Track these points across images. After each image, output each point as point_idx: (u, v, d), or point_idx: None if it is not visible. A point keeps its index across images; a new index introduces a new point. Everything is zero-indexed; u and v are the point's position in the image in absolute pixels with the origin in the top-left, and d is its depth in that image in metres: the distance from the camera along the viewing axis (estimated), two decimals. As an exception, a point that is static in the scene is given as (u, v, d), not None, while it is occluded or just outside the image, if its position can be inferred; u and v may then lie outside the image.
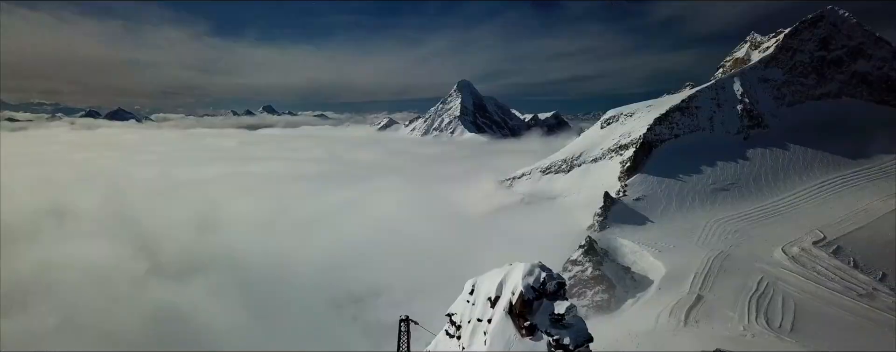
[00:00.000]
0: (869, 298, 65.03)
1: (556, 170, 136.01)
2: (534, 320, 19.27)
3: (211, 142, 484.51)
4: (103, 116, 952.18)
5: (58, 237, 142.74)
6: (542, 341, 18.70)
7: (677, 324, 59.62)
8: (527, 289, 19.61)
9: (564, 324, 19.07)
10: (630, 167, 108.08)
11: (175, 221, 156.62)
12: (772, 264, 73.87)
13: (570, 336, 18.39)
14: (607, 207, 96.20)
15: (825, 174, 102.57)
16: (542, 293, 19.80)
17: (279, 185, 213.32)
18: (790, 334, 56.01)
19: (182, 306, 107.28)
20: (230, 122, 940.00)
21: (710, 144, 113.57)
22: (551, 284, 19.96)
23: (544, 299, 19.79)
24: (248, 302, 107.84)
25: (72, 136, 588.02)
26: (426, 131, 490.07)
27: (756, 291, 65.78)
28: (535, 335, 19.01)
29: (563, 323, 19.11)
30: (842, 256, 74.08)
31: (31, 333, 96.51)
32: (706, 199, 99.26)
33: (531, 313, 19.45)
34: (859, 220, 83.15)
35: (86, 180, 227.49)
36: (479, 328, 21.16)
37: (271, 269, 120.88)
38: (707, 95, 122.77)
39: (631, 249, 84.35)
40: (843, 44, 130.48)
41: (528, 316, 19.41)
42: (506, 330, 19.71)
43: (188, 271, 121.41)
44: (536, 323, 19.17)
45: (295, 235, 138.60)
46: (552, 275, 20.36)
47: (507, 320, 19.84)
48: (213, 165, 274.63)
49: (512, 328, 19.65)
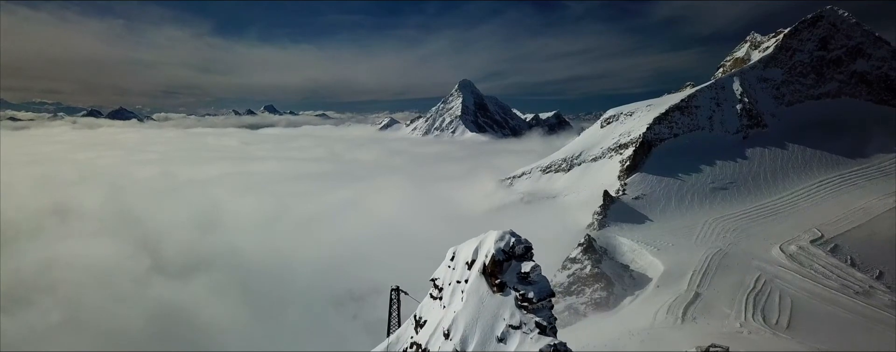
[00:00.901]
0: (865, 295, 65.39)
1: (556, 169, 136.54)
2: (504, 278, 22.24)
3: (212, 141, 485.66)
4: (105, 116, 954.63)
5: (60, 236, 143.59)
6: (510, 296, 21.74)
7: (675, 321, 60.08)
8: (498, 252, 22.47)
9: (529, 281, 22.01)
10: (629, 166, 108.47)
11: (176, 220, 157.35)
12: (769, 262, 74.22)
13: (534, 291, 21.44)
14: (607, 206, 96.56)
15: (824, 173, 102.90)
16: (511, 255, 22.61)
17: (280, 184, 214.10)
18: (786, 331, 56.42)
19: (184, 303, 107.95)
20: (231, 121, 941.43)
21: (709, 143, 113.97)
22: (519, 247, 22.72)
23: (513, 261, 22.64)
24: (249, 300, 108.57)
25: (73, 135, 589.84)
26: (427, 131, 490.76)
27: (753, 288, 66.15)
28: (505, 291, 22.06)
29: (529, 280, 22.04)
30: (839, 254, 74.42)
31: (34, 330, 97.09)
32: (705, 198, 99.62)
33: (502, 273, 22.39)
34: (857, 218, 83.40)
35: (87, 179, 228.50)
36: (458, 289, 23.93)
37: (272, 267, 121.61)
38: (706, 95, 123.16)
39: (630, 248, 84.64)
40: (843, 43, 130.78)
41: (498, 275, 22.38)
42: (480, 288, 22.70)
43: (189, 269, 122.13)
44: (506, 281, 22.16)
45: (295, 234, 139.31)
46: (520, 240, 22.96)
47: (480, 280, 22.82)
48: (214, 165, 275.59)
49: (485, 286, 22.63)
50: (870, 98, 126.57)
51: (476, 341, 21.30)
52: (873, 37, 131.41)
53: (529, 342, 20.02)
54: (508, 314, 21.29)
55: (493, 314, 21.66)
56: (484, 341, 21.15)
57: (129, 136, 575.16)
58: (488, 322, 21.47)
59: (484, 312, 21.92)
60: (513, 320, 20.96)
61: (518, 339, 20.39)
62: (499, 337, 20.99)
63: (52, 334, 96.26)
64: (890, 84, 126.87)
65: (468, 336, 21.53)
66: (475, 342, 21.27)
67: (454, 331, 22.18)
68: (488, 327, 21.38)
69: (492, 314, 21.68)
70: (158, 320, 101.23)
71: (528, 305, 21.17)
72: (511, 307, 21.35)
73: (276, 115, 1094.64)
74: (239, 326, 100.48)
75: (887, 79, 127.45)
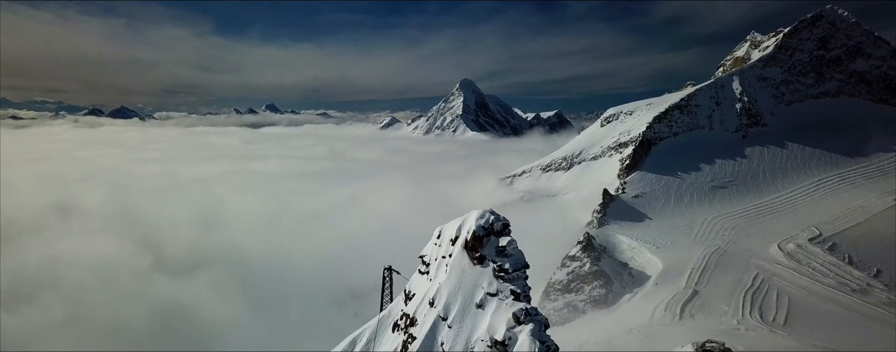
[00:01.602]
0: (862, 293, 65.72)
1: (557, 167, 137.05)
2: (483, 252, 24.47)
3: (213, 140, 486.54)
4: (106, 115, 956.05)
5: (62, 233, 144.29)
6: (488, 267, 23.96)
7: (673, 318, 60.56)
8: (478, 228, 24.65)
9: (506, 254, 24.03)
10: (629, 165, 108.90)
11: (178, 218, 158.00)
12: (767, 259, 74.57)
13: (510, 263, 23.57)
14: (606, 204, 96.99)
15: (823, 172, 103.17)
16: (490, 231, 24.77)
17: (281, 182, 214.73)
18: (783, 328, 56.86)
19: (185, 301, 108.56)
20: (233, 120, 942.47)
21: (708, 142, 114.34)
22: (498, 224, 24.89)
23: (492, 236, 24.79)
24: (249, 298, 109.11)
25: (75, 133, 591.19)
26: (428, 130, 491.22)
27: (751, 286, 66.58)
28: (484, 263, 24.29)
29: (506, 253, 24.05)
30: (837, 252, 74.71)
31: (37, 326, 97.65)
32: (704, 196, 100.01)
33: (481, 247, 24.62)
34: (855, 217, 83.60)
35: (89, 177, 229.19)
36: (443, 263, 26.27)
37: (273, 265, 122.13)
38: (706, 94, 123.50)
39: (629, 246, 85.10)
40: (842, 43, 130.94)
41: (479, 249, 24.61)
42: (462, 261, 25.03)
43: (191, 267, 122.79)
44: (485, 254, 24.40)
45: (296, 233, 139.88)
46: (498, 218, 25.11)
47: (463, 253, 25.10)
48: (215, 163, 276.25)
49: (467, 259, 24.92)
50: (869, 97, 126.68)
51: (457, 307, 23.74)
52: (873, 36, 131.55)
53: (504, 308, 22.08)
54: (487, 283, 23.57)
55: (473, 284, 24.00)
56: (464, 308, 23.56)
57: (130, 134, 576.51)
58: (469, 291, 23.87)
59: (465, 282, 24.34)
60: (490, 288, 23.25)
61: (494, 305, 22.64)
62: (478, 304, 23.30)
63: (54, 331, 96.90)
64: (889, 83, 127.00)
65: (451, 303, 24.02)
66: (457, 309, 23.70)
67: (438, 299, 24.63)
68: (469, 295, 23.77)
69: (472, 284, 24.03)
70: (160, 317, 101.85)
71: (505, 275, 23.38)
72: (489, 277, 23.64)
73: (278, 114, 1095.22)
74: (240, 323, 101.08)
75: (887, 78, 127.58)
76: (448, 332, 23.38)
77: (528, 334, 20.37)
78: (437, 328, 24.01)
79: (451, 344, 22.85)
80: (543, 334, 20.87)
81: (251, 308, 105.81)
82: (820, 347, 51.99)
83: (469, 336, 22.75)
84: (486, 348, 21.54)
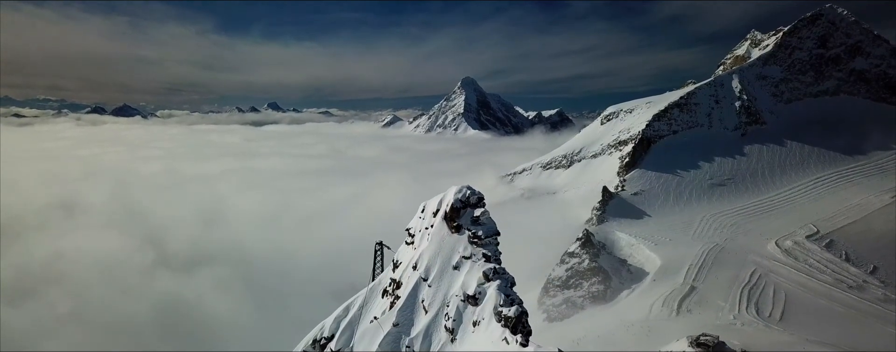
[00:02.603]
0: (859, 290, 66.20)
1: (557, 165, 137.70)
2: (460, 222, 27.70)
3: (215, 138, 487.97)
4: (109, 113, 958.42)
5: (67, 229, 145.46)
6: (464, 235, 27.15)
7: (670, 313, 61.22)
8: (456, 201, 27.87)
9: (480, 223, 27.49)
10: (629, 163, 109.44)
11: (180, 216, 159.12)
12: (765, 256, 75.01)
13: (483, 230, 26.85)
14: (606, 202, 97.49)
15: (821, 170, 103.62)
16: (466, 204, 28.04)
17: (283, 180, 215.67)
18: (779, 324, 57.41)
19: (188, 297, 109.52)
20: (235, 119, 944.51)
21: (707, 140, 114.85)
22: (473, 197, 28.09)
23: (468, 208, 28.08)
24: (252, 294, 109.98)
25: (78, 131, 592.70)
26: (430, 128, 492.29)
27: (748, 282, 67.07)
28: (461, 232, 27.48)
29: (480, 222, 27.51)
30: (834, 249, 75.18)
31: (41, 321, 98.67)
32: (703, 194, 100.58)
33: (459, 217, 27.84)
34: (853, 214, 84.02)
35: (93, 175, 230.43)
36: (426, 233, 29.46)
37: (275, 261, 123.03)
38: (706, 92, 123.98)
39: (628, 243, 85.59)
40: (842, 42, 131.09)
41: (456, 219, 27.83)
42: (442, 230, 28.25)
43: (194, 263, 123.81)
44: (462, 223, 27.64)
45: (298, 229, 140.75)
46: (474, 192, 28.27)
47: (442, 224, 28.30)
48: (217, 161, 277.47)
49: (446, 228, 28.12)
50: (868, 96, 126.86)
51: (437, 269, 27.11)
52: (872, 35, 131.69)
53: (477, 268, 25.22)
54: (462, 248, 26.81)
55: (450, 249, 27.30)
56: (443, 270, 26.94)
57: (133, 132, 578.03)
58: (447, 255, 27.20)
59: (444, 248, 27.63)
60: (465, 252, 26.51)
61: (468, 266, 25.90)
62: (454, 266, 26.59)
63: (59, 326, 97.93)
64: (888, 82, 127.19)
65: (431, 266, 27.37)
66: (436, 271, 27.09)
67: (420, 264, 27.94)
68: (447, 259, 27.10)
69: (450, 249, 27.33)
70: (163, 312, 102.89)
71: (478, 241, 26.63)
72: (465, 243, 26.85)
73: (280, 112, 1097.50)
74: (242, 318, 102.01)
75: (886, 77, 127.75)
76: (428, 290, 26.82)
77: (496, 288, 23.68)
78: (418, 288, 27.43)
79: (431, 300, 26.47)
80: (508, 288, 23.97)
81: (254, 304, 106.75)
82: (815, 342, 52.63)
83: (446, 293, 26.16)
84: (459, 302, 24.92)
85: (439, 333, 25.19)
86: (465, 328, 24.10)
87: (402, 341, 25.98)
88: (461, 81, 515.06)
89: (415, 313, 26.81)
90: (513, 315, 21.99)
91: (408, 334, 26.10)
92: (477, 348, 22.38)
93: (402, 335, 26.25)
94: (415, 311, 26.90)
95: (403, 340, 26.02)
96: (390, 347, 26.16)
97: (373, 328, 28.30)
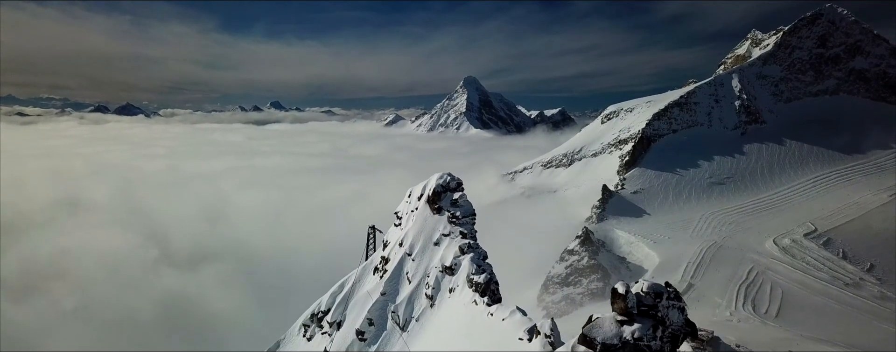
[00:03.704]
0: (855, 287, 66.85)
1: (557, 164, 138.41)
2: (441, 204, 31.80)
3: (218, 137, 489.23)
4: (112, 111, 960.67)
5: (71, 226, 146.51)
6: (444, 216, 31.10)
7: (667, 310, 61.99)
8: (438, 186, 32.01)
9: (458, 205, 31.29)
10: (628, 161, 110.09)
11: (183, 213, 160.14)
12: (763, 254, 75.70)
13: (461, 211, 30.73)
14: (605, 200, 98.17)
15: (820, 169, 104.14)
16: (447, 188, 32.13)
17: (285, 178, 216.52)
18: (774, 320, 58.14)
19: (191, 293, 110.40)
20: (237, 117, 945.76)
21: (707, 139, 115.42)
22: (453, 183, 32.18)
23: (448, 192, 32.02)
24: (254, 290, 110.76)
25: (81, 130, 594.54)
26: (432, 127, 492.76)
27: (745, 279, 67.75)
28: (441, 213, 31.40)
29: (458, 204, 31.32)
30: (831, 247, 75.77)
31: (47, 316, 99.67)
32: (702, 192, 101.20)
33: (440, 200, 31.96)
34: (850, 213, 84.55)
35: (97, 173, 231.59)
36: (412, 215, 33.67)
37: (278, 258, 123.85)
38: (705, 92, 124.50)
39: (627, 240, 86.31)
40: (841, 41, 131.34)
41: (438, 202, 32.01)
42: (425, 211, 32.48)
43: (197, 260, 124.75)
44: (442, 205, 31.69)
45: (300, 227, 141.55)
46: (454, 178, 32.36)
47: (426, 206, 32.47)
48: (220, 159, 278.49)
49: (428, 210, 32.26)
50: (867, 95, 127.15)
51: (419, 245, 31.23)
52: (872, 35, 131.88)
53: (454, 243, 28.83)
54: (442, 227, 30.69)
55: (432, 228, 31.38)
56: (425, 246, 31.03)
57: (136, 131, 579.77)
58: (429, 233, 31.26)
59: (426, 227, 31.74)
60: (445, 230, 30.38)
61: (447, 242, 29.70)
62: (435, 242, 30.55)
63: (63, 321, 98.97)
64: (888, 81, 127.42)
65: (415, 243, 31.50)
66: (419, 247, 31.18)
67: (406, 241, 32.09)
68: (428, 237, 31.15)
69: (431, 228, 31.39)
70: (166, 308, 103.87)
71: (456, 220, 30.34)
72: (444, 223, 30.75)
73: (282, 111, 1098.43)
74: (245, 314, 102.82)
75: (885, 76, 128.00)
76: (412, 264, 30.83)
77: (469, 260, 27.04)
78: (403, 262, 31.58)
79: (414, 272, 30.40)
80: (480, 260, 27.11)
81: (256, 300, 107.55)
82: (810, 338, 53.29)
83: (427, 265, 29.96)
84: (438, 273, 28.54)
85: (421, 300, 28.86)
86: (442, 295, 27.55)
87: (389, 308, 29.91)
88: (463, 80, 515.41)
89: (400, 284, 30.90)
90: (482, 281, 24.51)
91: (393, 301, 30.10)
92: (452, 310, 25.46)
93: (389, 303, 30.20)
94: (400, 282, 31.02)
95: (390, 306, 29.97)
96: (378, 313, 30.02)
97: (363, 298, 32.11)
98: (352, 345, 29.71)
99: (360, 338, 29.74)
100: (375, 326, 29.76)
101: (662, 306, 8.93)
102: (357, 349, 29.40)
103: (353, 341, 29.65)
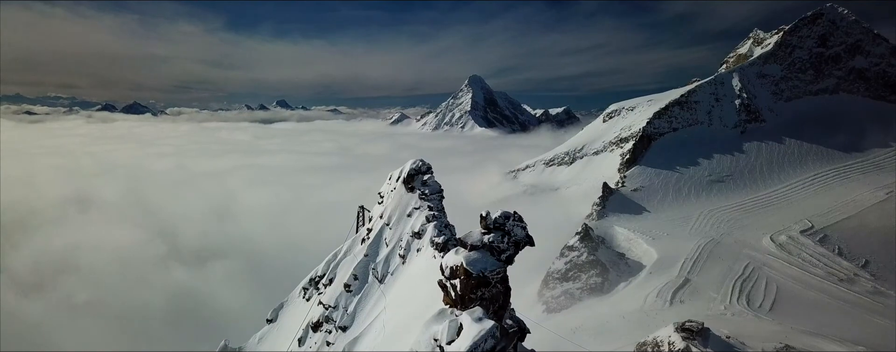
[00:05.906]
0: (849, 282, 68.05)
1: (559, 162, 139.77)
2: (414, 184, 37.45)
3: (225, 135, 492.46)
4: (119, 110, 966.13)
5: (82, 223, 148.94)
6: (415, 193, 36.72)
7: (663, 304, 63.49)
8: (411, 169, 37.62)
9: (427, 185, 36.61)
10: (629, 159, 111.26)
11: (191, 210, 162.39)
12: (759, 250, 76.93)
13: (429, 189, 36.18)
14: (606, 197, 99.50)
15: (819, 167, 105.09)
16: (419, 171, 37.70)
17: (291, 176, 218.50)
18: (768, 314, 59.53)
19: (199, 289, 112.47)
20: (244, 116, 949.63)
21: (707, 137, 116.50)
22: (424, 166, 37.80)
23: (420, 175, 37.61)
24: (261, 286, 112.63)
25: (89, 129, 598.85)
26: (437, 126, 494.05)
27: (741, 275, 69.07)
28: (414, 191, 37.03)
29: (427, 184, 36.65)
30: (827, 243, 76.93)
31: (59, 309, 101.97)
32: (702, 190, 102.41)
33: (413, 181, 37.56)
34: (848, 210, 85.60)
35: (105, 171, 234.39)
36: (391, 194, 39.51)
37: (284, 256, 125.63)
38: (706, 90, 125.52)
39: (626, 237, 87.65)
40: (842, 40, 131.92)
41: (411, 182, 37.61)
42: (400, 190, 38.21)
43: (205, 256, 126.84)
44: (415, 185, 37.29)
45: (306, 224, 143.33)
46: (424, 163, 38.12)
47: (401, 186, 38.13)
48: (227, 158, 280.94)
49: (404, 189, 37.93)
50: (867, 94, 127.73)
51: (396, 217, 37.10)
52: (872, 34, 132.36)
53: (422, 214, 34.20)
54: (414, 202, 36.27)
55: (406, 203, 37.08)
56: (400, 217, 36.83)
57: (143, 129, 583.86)
58: (403, 208, 36.99)
59: (401, 202, 37.52)
60: (416, 204, 36.00)
61: (417, 214, 34.99)
62: (407, 214, 36.08)
63: (74, 316, 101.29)
64: (888, 80, 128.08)
65: (392, 215, 37.44)
66: (395, 218, 37.09)
67: (385, 214, 38.31)
68: (403, 210, 36.87)
69: (405, 203, 37.15)
70: (175, 303, 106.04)
71: (425, 197, 35.76)
72: (416, 199, 36.38)
73: (289, 110, 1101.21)
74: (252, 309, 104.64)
75: (885, 75, 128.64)
76: (389, 232, 36.96)
77: (433, 226, 32.33)
78: (382, 231, 37.77)
79: (391, 238, 36.39)
80: (442, 226, 32.45)
81: (263, 295, 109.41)
82: (802, 331, 54.72)
83: (401, 232, 35.67)
84: (409, 237, 34.16)
85: (395, 259, 34.95)
86: (412, 254, 33.61)
87: (370, 266, 36.40)
88: (468, 79, 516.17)
89: (379, 247, 37.20)
90: (441, 241, 29.24)
91: (374, 261, 36.55)
92: (418, 264, 31.38)
93: (371, 262, 36.66)
94: (379, 246, 37.31)
95: (371, 265, 36.44)
96: (362, 270, 36.61)
97: (350, 260, 39.20)
98: (340, 296, 36.10)
99: (347, 290, 36.18)
100: (359, 280, 36.45)
101: (509, 224, 13.18)
102: (344, 299, 35.79)
103: (342, 293, 36.25)
